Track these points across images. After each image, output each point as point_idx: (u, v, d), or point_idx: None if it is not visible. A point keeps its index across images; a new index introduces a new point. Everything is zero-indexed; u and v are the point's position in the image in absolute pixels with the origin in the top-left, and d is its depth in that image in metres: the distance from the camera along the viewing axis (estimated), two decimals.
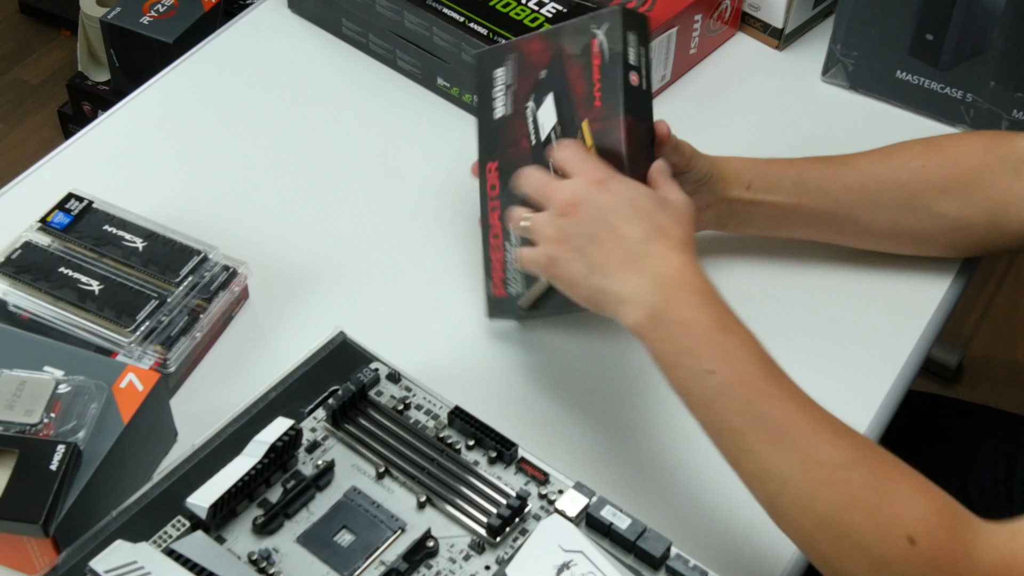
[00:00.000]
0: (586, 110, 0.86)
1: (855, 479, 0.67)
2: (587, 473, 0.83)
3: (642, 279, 0.74)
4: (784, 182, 0.92)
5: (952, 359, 1.87)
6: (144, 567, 0.67)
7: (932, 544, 0.66)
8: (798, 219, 0.94)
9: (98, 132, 1.10)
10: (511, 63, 0.92)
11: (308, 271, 0.97)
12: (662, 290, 0.73)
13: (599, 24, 0.86)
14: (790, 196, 0.92)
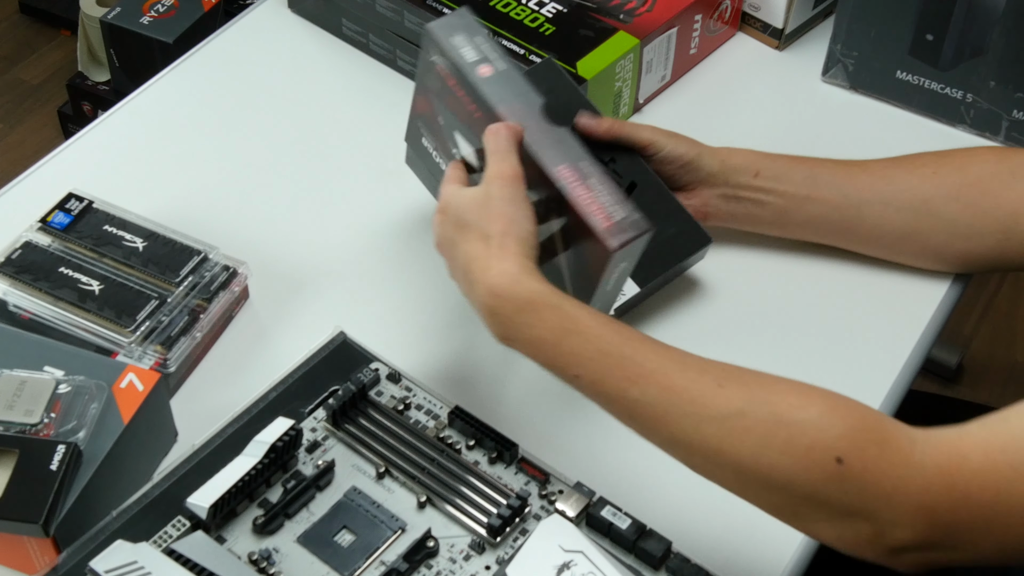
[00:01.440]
0: (477, 128, 0.84)
1: (754, 421, 0.66)
2: (587, 473, 0.83)
3: (478, 304, 0.73)
4: (794, 175, 0.92)
5: (952, 359, 1.87)
6: (144, 567, 0.67)
7: (863, 458, 0.64)
8: (808, 214, 0.93)
9: (98, 132, 1.10)
10: (424, 128, 0.93)
11: (308, 271, 0.97)
12: (494, 317, 0.72)
13: (429, 51, 0.86)
14: (800, 188, 0.92)
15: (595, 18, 1.09)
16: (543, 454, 0.78)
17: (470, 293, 0.75)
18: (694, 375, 0.68)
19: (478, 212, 0.74)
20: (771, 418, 0.65)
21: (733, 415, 0.66)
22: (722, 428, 0.66)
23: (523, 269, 0.72)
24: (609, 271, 0.78)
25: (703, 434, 0.67)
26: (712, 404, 0.67)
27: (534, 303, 0.71)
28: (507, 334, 0.72)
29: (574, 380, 0.71)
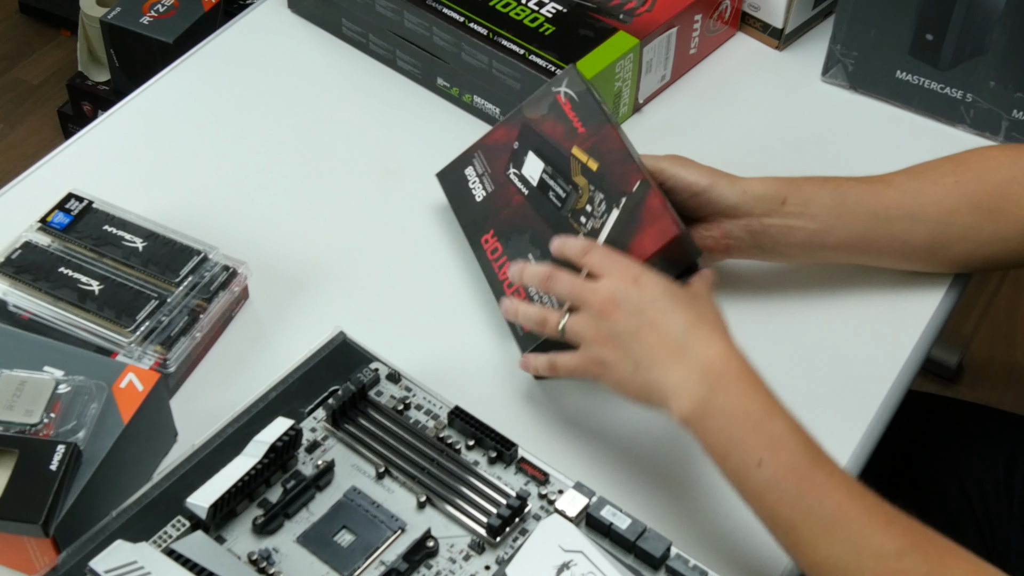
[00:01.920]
0: (571, 141, 0.89)
1: (909, 567, 0.67)
2: (587, 473, 0.83)
3: (687, 369, 0.74)
4: (822, 197, 0.90)
5: (952, 359, 1.87)
6: (144, 567, 0.67)
7: None
8: (838, 237, 0.91)
9: (98, 132, 1.10)
10: (477, 159, 0.97)
11: (308, 271, 0.97)
12: (707, 379, 0.73)
13: (558, 83, 0.93)
14: (830, 211, 0.90)
15: (595, 18, 1.09)
16: (543, 454, 0.78)
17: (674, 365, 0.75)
18: (870, 504, 0.70)
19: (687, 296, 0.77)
20: (922, 569, 0.67)
21: (892, 554, 0.67)
22: (879, 564, 0.67)
23: (739, 351, 0.75)
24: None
25: (860, 565, 0.68)
26: (878, 538, 0.68)
27: (750, 378, 0.74)
28: (710, 398, 0.73)
29: (755, 467, 0.71)
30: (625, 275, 0.78)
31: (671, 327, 0.75)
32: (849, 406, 0.89)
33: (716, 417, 0.73)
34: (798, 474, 0.70)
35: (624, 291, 0.77)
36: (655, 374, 0.75)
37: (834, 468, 0.71)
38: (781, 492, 0.70)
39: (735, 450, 0.72)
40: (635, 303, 0.77)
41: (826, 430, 0.88)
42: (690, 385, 0.73)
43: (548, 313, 0.82)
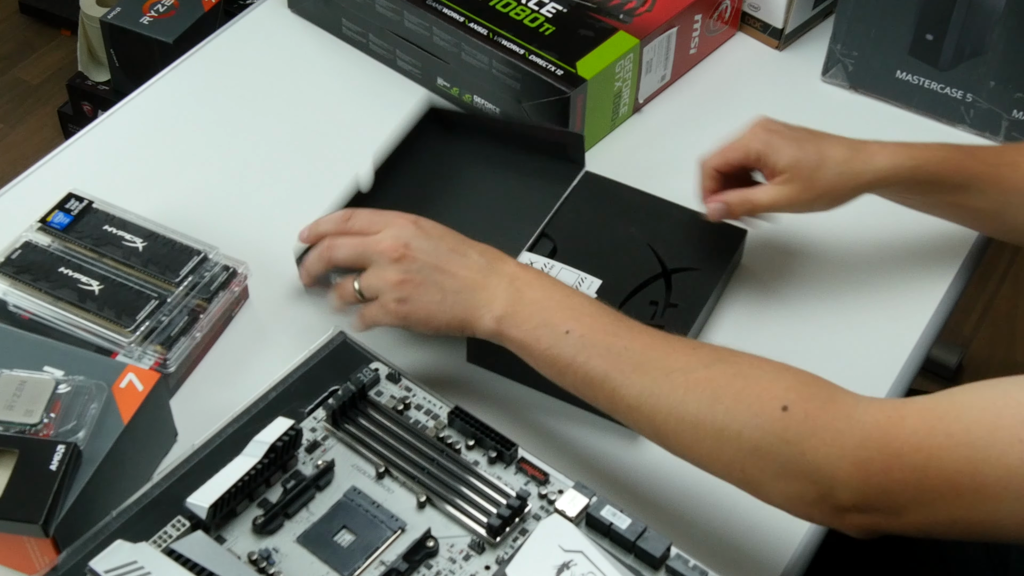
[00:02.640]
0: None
1: (717, 373, 0.71)
2: (587, 473, 0.83)
3: (494, 282, 0.80)
4: (948, 184, 0.90)
5: (952, 359, 1.87)
6: (144, 567, 0.67)
7: (806, 407, 0.68)
8: (946, 212, 0.94)
9: (98, 132, 1.10)
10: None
11: None
12: (513, 284, 0.79)
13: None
14: (949, 196, 0.91)
15: (595, 18, 1.09)
16: (543, 454, 0.78)
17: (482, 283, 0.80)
18: (675, 340, 0.75)
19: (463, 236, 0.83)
20: (730, 372, 0.71)
21: (699, 367, 0.72)
22: (688, 378, 0.72)
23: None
24: None
25: (671, 383, 0.72)
26: (684, 358, 0.73)
27: (547, 276, 0.81)
28: (518, 297, 0.78)
29: (564, 336, 0.76)
30: (403, 220, 0.82)
31: (470, 254, 0.81)
32: None
33: (525, 308, 0.78)
34: (603, 330, 0.76)
35: (410, 233, 0.81)
36: (464, 296, 0.80)
37: (636, 323, 0.76)
38: (591, 349, 0.75)
39: (544, 331, 0.77)
40: (425, 239, 0.81)
41: None
42: (499, 293, 0.79)
43: (342, 283, 0.84)
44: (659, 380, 0.72)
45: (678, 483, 0.84)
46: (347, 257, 0.84)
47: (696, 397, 0.71)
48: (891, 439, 0.65)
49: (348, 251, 0.84)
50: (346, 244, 0.84)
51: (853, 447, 0.66)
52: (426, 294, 0.80)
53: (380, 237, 0.82)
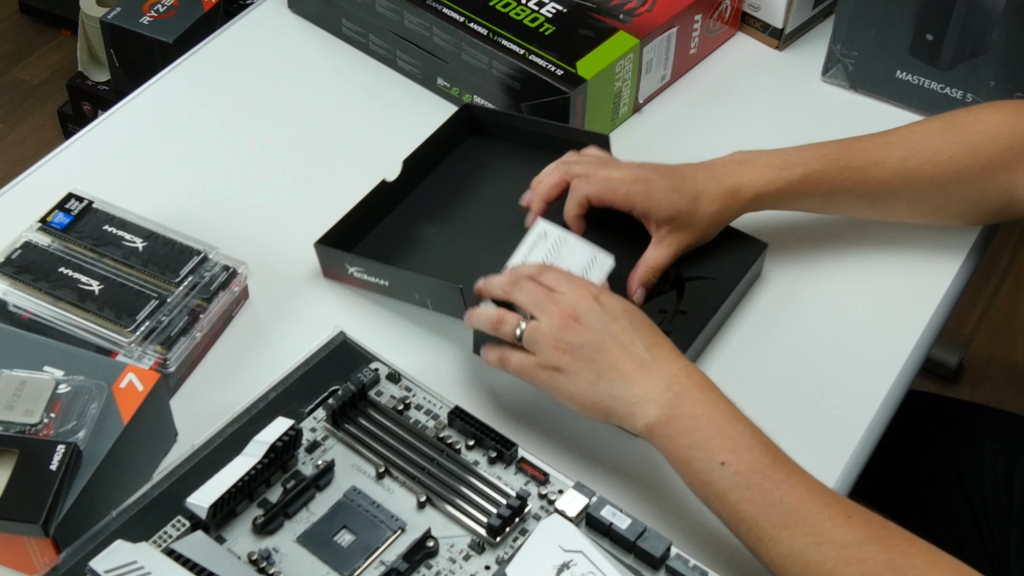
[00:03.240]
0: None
1: (869, 557, 0.69)
2: (587, 473, 0.83)
3: (653, 381, 0.76)
4: (813, 198, 0.93)
5: (952, 359, 1.87)
6: (144, 567, 0.67)
7: None
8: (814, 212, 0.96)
9: (98, 132, 1.10)
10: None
11: (308, 271, 0.97)
12: (672, 389, 0.76)
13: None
14: (816, 205, 0.95)
15: (595, 18, 1.09)
16: (543, 454, 0.78)
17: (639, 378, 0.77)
18: (830, 499, 0.71)
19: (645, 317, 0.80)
20: (883, 559, 0.69)
21: (852, 545, 0.69)
22: (840, 554, 0.69)
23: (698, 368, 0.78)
24: None
25: (821, 556, 0.70)
26: (838, 530, 0.70)
27: (712, 388, 0.77)
28: (676, 405, 0.75)
29: (719, 467, 0.73)
30: (585, 291, 0.80)
31: (635, 344, 0.78)
32: (849, 406, 0.89)
33: (681, 423, 0.75)
34: (760, 473, 0.72)
35: (586, 305, 0.79)
36: (618, 387, 0.77)
37: (795, 467, 0.73)
38: (744, 490, 0.72)
39: (699, 453, 0.74)
40: (598, 317, 0.78)
41: (826, 430, 0.88)
42: (656, 396, 0.76)
43: (507, 314, 0.82)
44: (810, 548, 0.70)
45: (678, 483, 0.83)
46: (523, 301, 0.82)
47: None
48: None
49: (527, 297, 0.81)
50: (529, 289, 0.82)
51: None
52: (580, 372, 0.78)
53: (559, 297, 0.80)
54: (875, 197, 0.93)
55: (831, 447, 0.86)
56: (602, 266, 0.89)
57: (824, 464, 0.85)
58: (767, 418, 0.88)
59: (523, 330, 0.80)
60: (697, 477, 0.74)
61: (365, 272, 0.93)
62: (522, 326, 0.81)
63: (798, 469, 0.73)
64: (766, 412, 0.89)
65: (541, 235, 0.90)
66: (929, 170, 0.92)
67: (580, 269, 0.88)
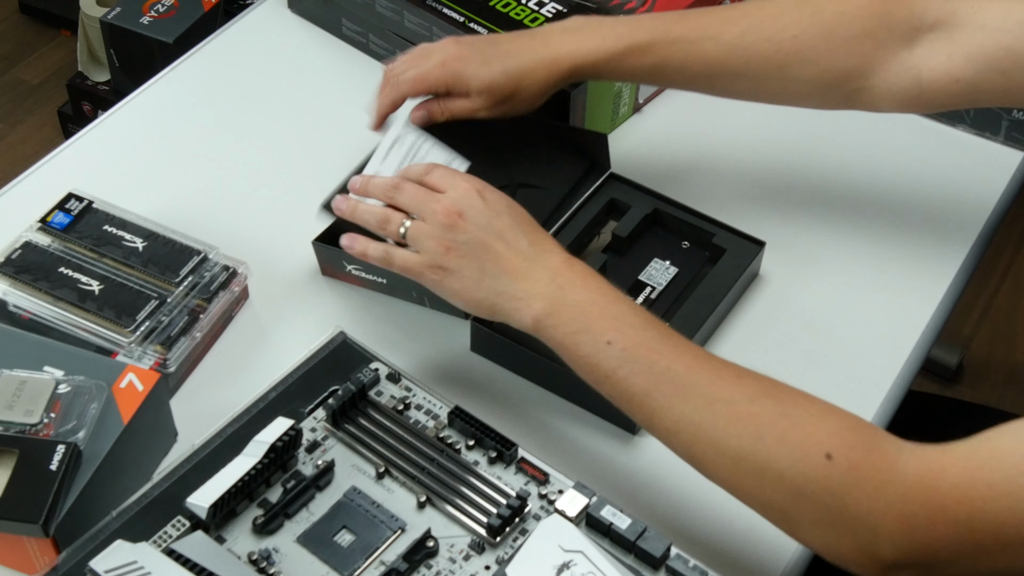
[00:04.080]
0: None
1: (761, 410, 0.69)
2: (587, 473, 0.83)
3: (537, 275, 0.77)
4: (639, 74, 0.91)
5: (952, 359, 1.87)
6: (144, 567, 0.67)
7: (850, 457, 0.66)
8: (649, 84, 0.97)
9: (98, 132, 1.10)
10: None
11: (308, 271, 0.97)
12: (556, 281, 0.77)
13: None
14: (647, 79, 0.93)
15: None
16: (543, 454, 0.78)
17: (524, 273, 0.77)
18: (718, 364, 0.72)
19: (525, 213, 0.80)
20: (775, 410, 0.68)
21: (743, 400, 0.69)
22: (732, 410, 0.69)
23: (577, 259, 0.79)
24: None
25: (714, 414, 0.70)
26: (728, 388, 0.70)
27: (593, 275, 0.77)
28: (559, 295, 0.76)
29: (606, 346, 0.73)
30: (469, 186, 0.80)
31: (518, 239, 0.78)
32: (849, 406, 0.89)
33: (565, 311, 0.75)
34: (646, 346, 0.73)
35: (470, 203, 0.79)
36: (503, 282, 0.77)
37: (681, 339, 0.74)
38: (632, 364, 0.72)
39: (584, 337, 0.74)
40: (481, 213, 0.79)
41: None
42: (540, 289, 0.76)
43: (392, 213, 0.82)
44: (701, 409, 0.70)
45: (678, 483, 0.83)
46: (406, 203, 0.82)
47: (738, 432, 0.68)
48: (934, 493, 0.64)
49: (409, 198, 0.82)
50: (410, 191, 0.82)
51: (896, 501, 0.64)
52: (465, 268, 0.78)
53: (443, 197, 0.80)
54: (711, 75, 0.91)
55: None
56: (459, 168, 0.90)
57: None
58: None
59: (407, 228, 0.81)
60: (585, 361, 0.75)
61: (363, 270, 0.93)
62: (406, 224, 0.81)
63: (685, 341, 0.74)
64: None
65: (397, 138, 0.91)
66: (768, 48, 0.89)
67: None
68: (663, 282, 0.93)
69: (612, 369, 0.73)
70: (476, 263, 0.78)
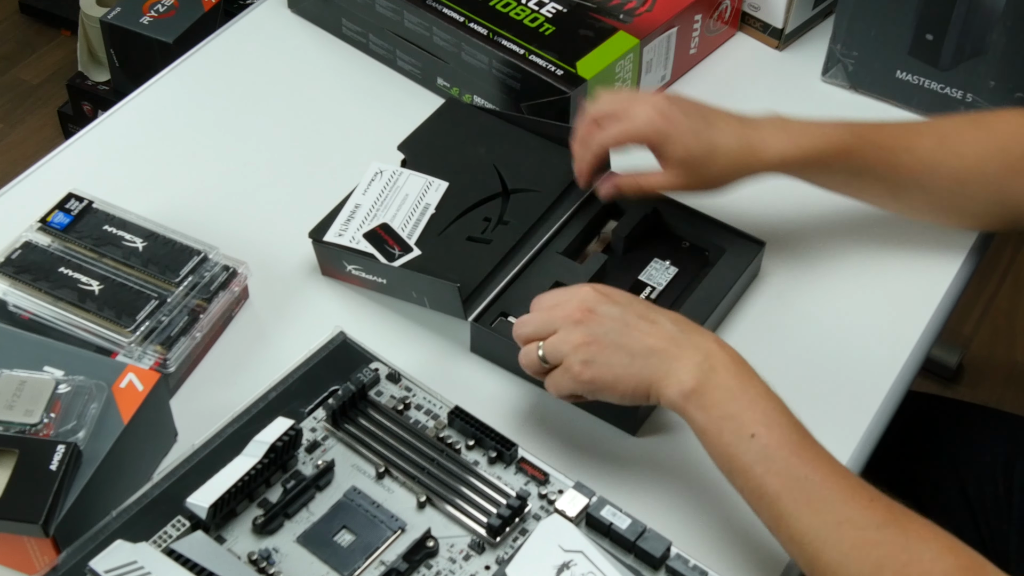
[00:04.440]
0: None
1: (887, 540, 0.69)
2: (587, 473, 0.83)
3: (689, 353, 0.76)
4: (839, 174, 0.92)
5: (952, 359, 1.87)
6: (144, 567, 0.67)
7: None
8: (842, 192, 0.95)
9: (98, 132, 1.10)
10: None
11: (308, 271, 0.97)
12: (708, 361, 0.75)
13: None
14: (841, 183, 0.93)
15: (595, 18, 1.09)
16: (543, 454, 0.78)
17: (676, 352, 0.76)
18: (855, 483, 0.72)
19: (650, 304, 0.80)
20: (898, 541, 0.69)
21: (871, 527, 0.70)
22: (858, 535, 0.69)
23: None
24: None
25: (840, 535, 0.70)
26: (860, 512, 0.70)
27: (744, 363, 0.76)
28: (709, 376, 0.75)
29: (749, 439, 0.73)
30: (589, 289, 0.79)
31: (659, 320, 0.77)
32: (849, 406, 0.89)
33: (716, 393, 0.74)
34: (788, 448, 0.72)
35: (595, 298, 0.78)
36: (654, 362, 0.76)
37: (822, 450, 0.73)
38: (770, 463, 0.72)
39: (730, 424, 0.73)
40: (612, 305, 0.78)
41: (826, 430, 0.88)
42: (691, 367, 0.75)
43: (525, 350, 0.80)
44: (829, 526, 0.70)
45: (678, 483, 0.83)
46: (533, 331, 0.80)
47: (860, 559, 0.69)
48: None
49: (533, 325, 0.80)
50: (532, 320, 0.80)
51: None
52: (613, 356, 0.76)
53: (564, 302, 0.79)
54: (899, 184, 0.92)
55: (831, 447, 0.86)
56: (437, 189, 0.93)
57: None
58: None
59: (543, 348, 0.79)
60: (726, 449, 0.74)
61: (363, 270, 0.93)
62: (540, 346, 0.79)
63: (825, 451, 0.73)
64: None
65: (376, 173, 0.96)
66: (955, 164, 0.91)
67: (417, 194, 0.95)
68: (663, 282, 0.93)
69: (750, 464, 0.73)
70: (622, 349, 0.76)
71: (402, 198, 0.95)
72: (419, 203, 0.95)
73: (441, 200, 0.95)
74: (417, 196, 0.95)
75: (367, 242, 0.92)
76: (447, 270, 0.90)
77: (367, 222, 0.94)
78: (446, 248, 0.93)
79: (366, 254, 0.92)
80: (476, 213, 0.96)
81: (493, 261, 0.93)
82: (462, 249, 0.93)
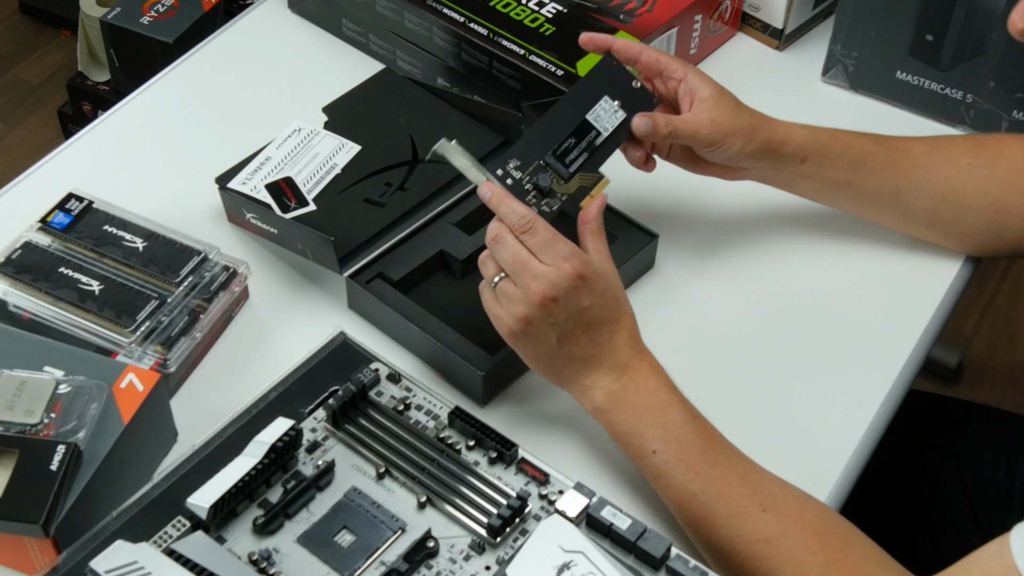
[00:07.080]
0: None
1: (775, 553, 0.73)
2: (587, 473, 0.83)
3: (604, 371, 0.80)
4: (840, 161, 0.94)
5: (952, 359, 1.87)
6: (144, 567, 0.67)
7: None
8: (844, 196, 0.96)
9: (98, 132, 1.10)
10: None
11: (308, 271, 0.97)
12: (620, 379, 0.80)
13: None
14: (842, 174, 0.94)
15: (595, 18, 1.09)
16: (543, 454, 0.78)
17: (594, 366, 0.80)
18: (748, 492, 0.76)
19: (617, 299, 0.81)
20: (787, 555, 0.73)
21: (761, 541, 0.74)
22: (749, 550, 0.74)
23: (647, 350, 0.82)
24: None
25: (733, 549, 0.75)
26: (750, 525, 0.74)
27: (656, 375, 0.80)
28: (619, 394, 0.80)
29: (651, 455, 0.78)
30: (571, 273, 0.79)
31: (600, 333, 0.80)
32: (849, 406, 0.89)
33: (623, 410, 0.80)
34: (686, 463, 0.77)
35: (566, 289, 0.79)
36: (573, 367, 0.81)
37: (720, 457, 0.77)
38: (670, 478, 0.77)
39: (635, 440, 0.79)
40: (574, 301, 0.79)
41: (827, 430, 0.88)
42: (604, 384, 0.80)
43: (489, 260, 0.82)
44: (723, 542, 0.75)
45: None
46: (503, 263, 0.80)
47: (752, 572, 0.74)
48: None
49: (507, 260, 0.80)
50: (509, 253, 0.80)
51: None
52: (542, 344, 0.80)
53: (539, 274, 0.78)
54: (898, 187, 0.94)
55: (831, 447, 0.86)
56: (348, 151, 0.96)
57: (824, 464, 0.85)
58: (768, 418, 0.88)
59: (497, 284, 0.81)
60: (635, 460, 0.80)
61: (259, 219, 0.96)
62: (496, 280, 0.81)
63: (723, 459, 0.77)
64: (767, 412, 0.89)
65: (295, 130, 0.99)
66: (950, 170, 0.93)
67: (327, 154, 0.98)
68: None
69: (655, 477, 0.79)
70: (553, 344, 0.80)
71: (312, 156, 0.98)
72: (327, 162, 0.98)
73: (350, 162, 0.98)
74: (327, 156, 0.98)
75: (267, 192, 0.95)
76: (333, 226, 0.92)
77: (272, 174, 0.96)
78: (341, 206, 0.95)
79: (264, 204, 0.94)
80: (379, 178, 0.97)
81: (382, 223, 0.94)
82: (356, 209, 0.95)
